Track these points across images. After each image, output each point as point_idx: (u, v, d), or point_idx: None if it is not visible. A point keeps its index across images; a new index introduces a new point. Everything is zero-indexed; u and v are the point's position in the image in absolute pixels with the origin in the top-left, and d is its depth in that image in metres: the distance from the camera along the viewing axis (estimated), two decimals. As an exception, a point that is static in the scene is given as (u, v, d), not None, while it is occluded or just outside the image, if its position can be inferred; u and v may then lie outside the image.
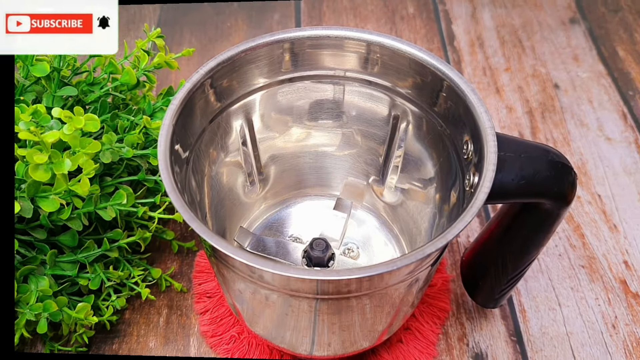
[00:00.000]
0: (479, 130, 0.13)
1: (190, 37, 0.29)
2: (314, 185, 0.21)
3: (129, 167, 0.19)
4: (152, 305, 0.20)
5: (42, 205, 0.15)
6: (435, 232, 0.17)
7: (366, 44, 0.16)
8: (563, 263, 0.21)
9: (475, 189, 0.13)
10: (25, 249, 0.17)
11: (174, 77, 0.27)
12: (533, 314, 0.19)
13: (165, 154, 0.13)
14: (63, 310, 0.16)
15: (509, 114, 0.25)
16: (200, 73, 0.15)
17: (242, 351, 0.18)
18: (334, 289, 0.13)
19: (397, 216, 0.20)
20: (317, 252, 0.17)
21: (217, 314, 0.19)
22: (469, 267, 0.18)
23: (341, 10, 0.30)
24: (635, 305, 0.19)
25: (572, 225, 0.22)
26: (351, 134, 0.19)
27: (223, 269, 0.14)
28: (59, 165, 0.15)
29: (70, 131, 0.15)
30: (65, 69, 0.18)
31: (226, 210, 0.19)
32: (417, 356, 0.18)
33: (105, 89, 0.19)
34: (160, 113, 0.19)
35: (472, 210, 0.12)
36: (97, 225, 0.18)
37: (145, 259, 0.20)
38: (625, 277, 0.20)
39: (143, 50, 0.19)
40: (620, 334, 0.19)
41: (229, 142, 0.17)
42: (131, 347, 0.19)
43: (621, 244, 0.21)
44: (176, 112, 0.14)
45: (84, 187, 0.15)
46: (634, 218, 0.22)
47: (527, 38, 0.28)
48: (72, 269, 0.17)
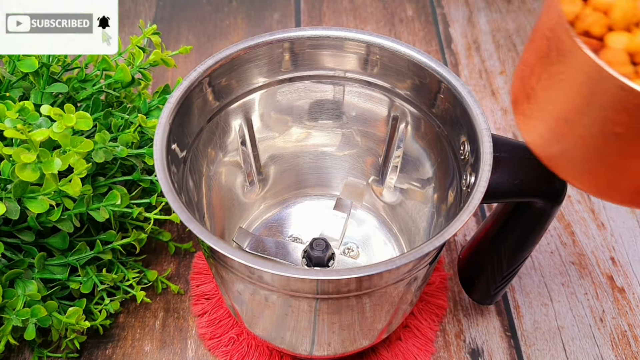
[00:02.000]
0: (476, 131, 0.13)
1: (187, 35, 0.28)
2: (313, 185, 0.20)
3: (123, 166, 0.18)
4: (147, 308, 0.19)
5: (29, 207, 0.14)
6: (433, 231, 0.17)
7: (366, 45, 0.15)
8: (554, 260, 0.21)
9: (472, 189, 0.13)
10: (11, 252, 0.16)
11: (171, 75, 0.26)
12: (526, 309, 0.19)
13: (162, 154, 0.13)
14: (53, 315, 0.15)
15: (504, 116, 0.25)
16: (199, 71, 0.14)
17: (242, 353, 0.18)
18: (334, 288, 0.12)
19: (396, 216, 0.19)
20: (317, 252, 0.17)
21: (215, 316, 0.19)
22: (465, 265, 0.18)
23: (341, 11, 0.29)
24: (621, 299, 0.20)
25: (563, 223, 0.22)
26: (351, 134, 0.19)
27: (222, 270, 0.14)
28: (48, 165, 0.14)
29: (60, 129, 0.14)
30: (55, 65, 0.17)
31: (225, 210, 0.18)
32: (415, 353, 0.18)
33: (98, 86, 0.18)
34: (156, 111, 0.19)
35: (469, 210, 0.12)
36: (90, 226, 0.17)
37: (141, 261, 0.19)
38: (612, 273, 0.20)
39: (138, 47, 0.18)
40: (607, 327, 0.19)
41: (228, 141, 0.17)
42: (125, 351, 0.18)
43: (608, 241, 0.21)
44: (173, 110, 0.14)
45: (75, 187, 0.14)
46: (620, 216, 0.22)
47: (520, 42, 0.28)
48: (63, 272, 0.16)
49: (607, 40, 0.08)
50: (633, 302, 0.20)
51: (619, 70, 0.08)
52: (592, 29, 0.08)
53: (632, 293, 0.20)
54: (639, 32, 0.08)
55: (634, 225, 0.22)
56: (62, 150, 0.14)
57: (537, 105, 0.09)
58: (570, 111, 0.08)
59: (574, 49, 0.08)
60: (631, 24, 0.08)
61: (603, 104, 0.08)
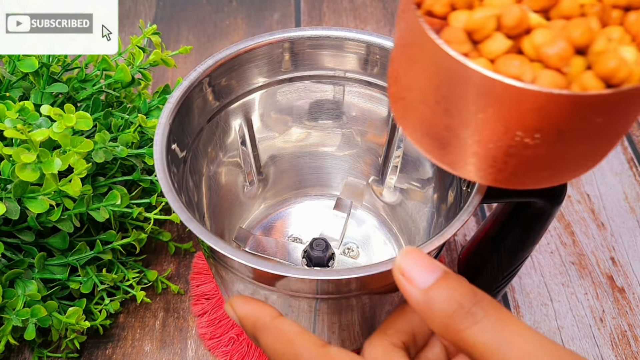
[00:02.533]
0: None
1: (187, 35, 0.28)
2: (313, 185, 0.20)
3: (123, 166, 0.18)
4: (147, 308, 0.19)
5: (29, 207, 0.14)
6: (433, 231, 0.17)
7: (366, 45, 0.15)
8: (554, 260, 0.21)
9: (472, 189, 0.13)
10: (11, 252, 0.16)
11: (171, 75, 0.26)
12: (527, 309, 0.19)
13: (162, 154, 0.13)
14: (53, 315, 0.15)
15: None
16: (198, 71, 0.14)
17: (242, 353, 0.18)
18: (334, 288, 0.12)
19: (396, 216, 0.19)
20: (317, 252, 0.17)
21: (215, 316, 0.18)
22: (466, 265, 0.18)
23: (341, 11, 0.29)
24: (620, 299, 0.20)
25: (563, 223, 0.22)
26: (351, 134, 0.18)
27: (222, 270, 0.14)
28: (48, 165, 0.14)
29: (60, 129, 0.14)
30: (55, 65, 0.17)
31: (225, 210, 0.18)
32: (415, 354, 0.18)
33: (98, 86, 0.18)
34: (156, 111, 0.18)
35: (469, 210, 0.12)
36: (90, 226, 0.17)
37: (141, 261, 0.19)
38: (612, 273, 0.20)
39: (138, 47, 0.18)
40: (607, 327, 0.19)
41: (228, 141, 0.17)
42: (125, 351, 0.18)
43: (608, 241, 0.21)
44: (173, 110, 0.14)
45: (75, 187, 0.14)
46: (620, 216, 0.22)
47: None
48: (63, 272, 0.16)
49: (449, 19, 0.08)
50: (633, 302, 0.20)
51: (457, 49, 0.08)
52: (435, 9, 0.08)
53: (632, 293, 0.20)
54: (478, 9, 0.08)
55: (634, 225, 0.22)
56: (62, 150, 0.14)
57: (401, 87, 0.09)
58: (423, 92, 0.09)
59: (419, 29, 0.08)
60: (473, 2, 0.08)
61: (444, 80, 0.08)
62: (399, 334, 0.11)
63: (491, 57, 0.08)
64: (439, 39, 0.08)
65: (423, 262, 0.09)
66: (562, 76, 0.08)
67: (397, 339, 0.10)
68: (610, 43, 0.08)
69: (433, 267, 0.09)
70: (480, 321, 0.08)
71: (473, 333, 0.08)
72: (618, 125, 0.08)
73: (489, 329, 0.08)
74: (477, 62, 0.08)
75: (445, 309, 0.09)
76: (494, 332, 0.08)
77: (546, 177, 0.09)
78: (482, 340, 0.08)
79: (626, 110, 0.08)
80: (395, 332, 0.11)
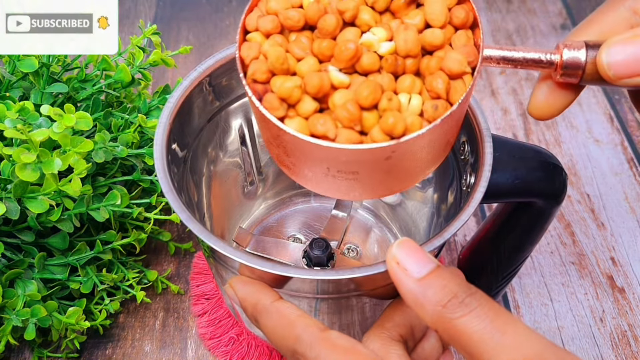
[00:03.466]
0: (476, 131, 0.13)
1: (187, 35, 0.28)
2: (313, 186, 0.20)
3: (123, 166, 0.18)
4: (147, 308, 0.19)
5: (29, 207, 0.14)
6: (433, 231, 0.17)
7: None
8: (554, 260, 0.21)
9: (472, 189, 0.13)
10: (11, 252, 0.16)
11: (171, 75, 0.26)
12: (527, 309, 0.19)
13: (162, 153, 0.13)
14: (53, 315, 0.15)
15: (503, 116, 0.25)
16: (199, 71, 0.14)
17: (242, 353, 0.18)
18: (334, 288, 0.12)
19: (396, 216, 0.19)
20: (317, 252, 0.17)
21: (215, 316, 0.18)
22: (466, 265, 0.18)
23: (339, 11, 0.30)
24: (620, 299, 0.20)
25: (563, 223, 0.22)
26: (351, 134, 0.19)
27: (222, 270, 0.14)
28: (48, 165, 0.14)
29: (60, 129, 0.14)
30: (55, 65, 0.17)
31: (225, 210, 0.18)
32: (415, 355, 0.18)
33: (98, 86, 0.18)
34: (156, 111, 0.18)
35: (469, 210, 0.12)
36: (90, 226, 0.17)
37: (141, 261, 0.19)
38: (612, 273, 0.20)
39: (138, 47, 0.18)
40: (607, 327, 0.19)
41: (228, 141, 0.17)
42: (125, 351, 0.18)
43: (608, 241, 0.21)
44: (173, 110, 0.14)
45: (75, 187, 0.14)
46: (620, 216, 0.22)
47: (520, 42, 0.28)
48: (63, 272, 0.16)
49: (270, 84, 0.09)
50: (633, 302, 0.20)
51: (275, 114, 0.09)
52: (257, 77, 0.09)
53: (632, 293, 0.20)
54: (287, 80, 0.09)
55: (634, 225, 0.22)
56: (62, 150, 0.14)
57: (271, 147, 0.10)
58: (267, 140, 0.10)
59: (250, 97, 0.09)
60: (289, 67, 0.09)
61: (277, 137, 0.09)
62: (397, 328, 0.11)
63: (305, 117, 0.09)
64: (261, 105, 0.09)
65: (418, 253, 0.09)
66: (356, 132, 0.09)
67: (395, 332, 0.10)
68: (391, 102, 0.09)
69: (427, 259, 0.09)
70: (473, 310, 0.08)
71: (466, 321, 0.08)
72: (411, 163, 0.10)
73: (483, 317, 0.08)
74: (292, 121, 0.09)
75: (440, 298, 0.09)
76: (487, 320, 0.08)
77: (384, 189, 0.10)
78: (475, 329, 0.08)
79: (412, 151, 0.09)
80: (393, 326, 0.11)
